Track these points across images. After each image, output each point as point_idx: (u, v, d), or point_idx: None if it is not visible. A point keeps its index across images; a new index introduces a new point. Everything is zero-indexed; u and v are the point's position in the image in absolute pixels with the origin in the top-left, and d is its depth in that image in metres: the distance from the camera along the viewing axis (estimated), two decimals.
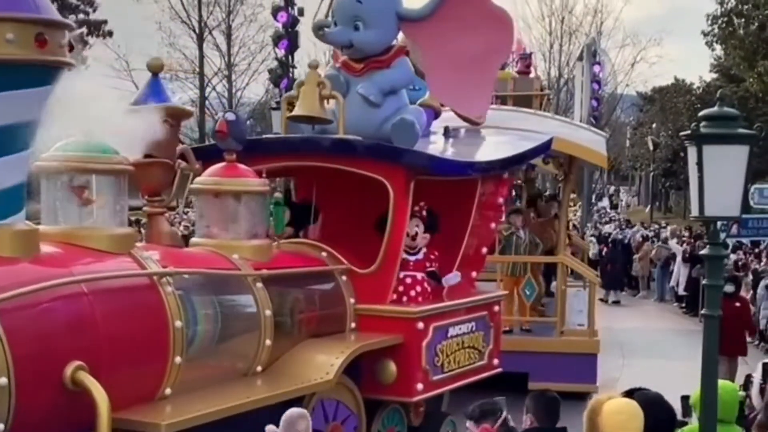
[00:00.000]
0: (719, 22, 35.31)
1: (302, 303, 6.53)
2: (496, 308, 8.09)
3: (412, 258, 7.31)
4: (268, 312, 5.97)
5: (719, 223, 4.86)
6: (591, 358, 11.91)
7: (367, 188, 7.08)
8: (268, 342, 5.98)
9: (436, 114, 8.51)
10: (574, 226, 29.23)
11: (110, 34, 34.68)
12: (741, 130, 4.64)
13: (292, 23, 19.27)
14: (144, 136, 5.08)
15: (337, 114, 7.34)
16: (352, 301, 6.95)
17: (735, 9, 34.46)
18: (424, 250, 7.36)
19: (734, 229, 22.56)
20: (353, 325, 6.94)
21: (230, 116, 6.31)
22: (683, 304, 22.37)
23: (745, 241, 20.75)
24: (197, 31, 36.08)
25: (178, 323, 5.16)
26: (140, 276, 5.14)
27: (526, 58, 18.35)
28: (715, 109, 4.70)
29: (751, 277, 19.12)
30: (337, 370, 6.07)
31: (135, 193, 5.80)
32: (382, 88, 7.39)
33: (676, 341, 17.15)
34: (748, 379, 6.25)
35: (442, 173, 7.25)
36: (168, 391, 5.18)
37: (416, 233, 7.28)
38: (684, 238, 25.52)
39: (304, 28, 18.35)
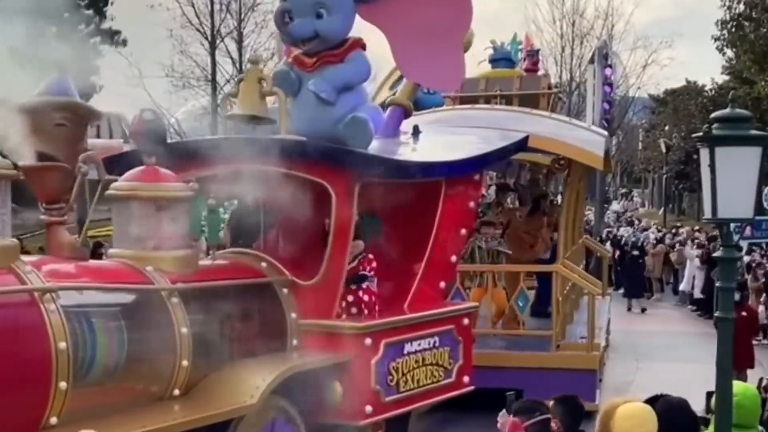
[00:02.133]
0: (729, 26, 34.48)
1: (232, 319, 5.82)
2: (466, 321, 7.31)
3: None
4: (184, 330, 5.29)
5: (732, 225, 4.74)
6: (589, 375, 10.76)
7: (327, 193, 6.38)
8: (185, 363, 5.29)
9: (407, 113, 7.78)
10: (588, 231, 28.41)
11: (125, 43, 34.18)
12: (754, 132, 4.54)
13: None
14: None
15: (291, 113, 6.70)
16: (294, 315, 6.24)
17: (744, 13, 33.66)
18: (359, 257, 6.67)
19: (747, 231, 21.88)
20: (295, 342, 6.24)
21: (148, 115, 5.62)
22: (695, 307, 21.52)
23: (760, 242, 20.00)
24: (209, 38, 35.50)
25: (62, 345, 4.48)
26: (18, 292, 4.46)
27: (533, 55, 16.95)
28: (728, 110, 4.57)
29: (763, 280, 18.24)
30: (262, 394, 5.36)
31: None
32: (335, 84, 6.72)
33: (690, 344, 16.48)
34: (761, 383, 6.20)
35: (391, 175, 6.53)
36: (54, 420, 4.51)
37: None
38: (697, 240, 24.70)
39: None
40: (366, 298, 6.50)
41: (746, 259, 19.46)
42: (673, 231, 29.97)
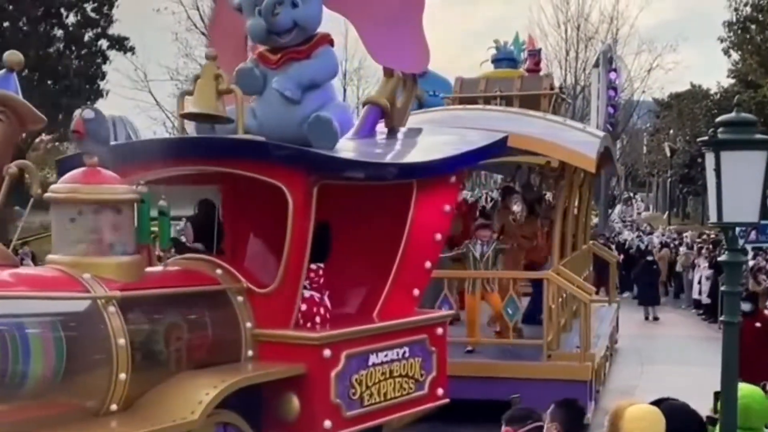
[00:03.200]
0: (735, 29, 34.06)
1: (180, 329, 5.43)
2: (440, 331, 6.88)
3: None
4: (122, 341, 4.90)
5: (737, 229, 4.68)
6: (581, 386, 10.03)
7: None
8: (122, 376, 4.91)
9: (384, 112, 7.38)
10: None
11: (132, 50, 33.92)
12: (759, 136, 4.47)
13: None
14: None
15: (257, 112, 6.32)
16: (249, 325, 5.84)
17: (750, 16, 33.24)
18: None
19: (752, 235, 21.39)
20: (250, 352, 5.84)
21: (88, 114, 5.23)
22: (701, 311, 21.09)
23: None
24: None
25: None
26: None
27: (534, 55, 16.33)
28: (733, 114, 4.51)
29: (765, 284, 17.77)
30: (204, 409, 4.96)
31: None
32: (299, 81, 6.34)
33: (696, 348, 16.26)
34: (764, 387, 5.73)
35: (353, 177, 6.13)
36: None
37: None
38: (697, 243, 24.29)
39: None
40: (304, 307, 6.07)
41: (751, 263, 19.03)
42: (675, 236, 29.43)
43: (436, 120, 10.68)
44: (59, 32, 32.09)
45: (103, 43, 33.13)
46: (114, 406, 4.93)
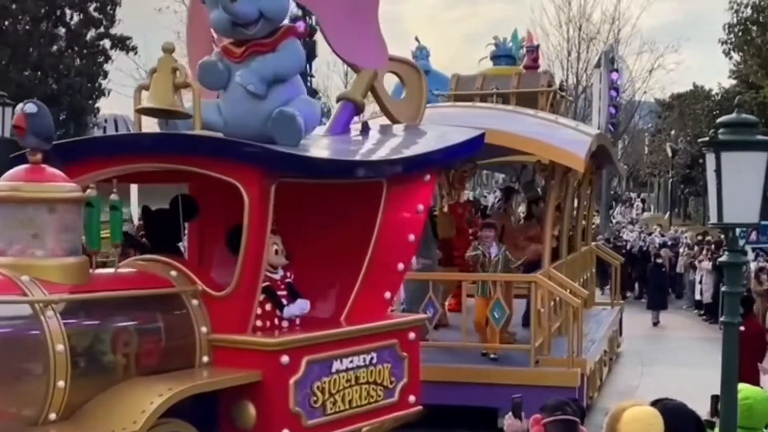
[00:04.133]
0: (736, 30, 33.68)
1: (128, 334, 5.12)
2: (412, 335, 6.54)
3: (277, 275, 5.93)
4: (60, 347, 4.59)
5: (738, 230, 4.73)
6: (569, 393, 9.43)
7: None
8: (60, 384, 4.60)
9: (358, 108, 7.07)
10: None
11: (134, 50, 33.65)
12: (760, 137, 4.49)
13: (309, 33, 18.29)
14: None
15: (222, 108, 6.04)
16: (205, 329, 5.53)
17: (751, 18, 32.87)
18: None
19: (753, 236, 21.02)
20: (206, 358, 5.52)
21: (30, 108, 4.92)
22: (702, 312, 20.78)
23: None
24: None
25: None
26: None
27: (532, 51, 15.59)
28: (734, 115, 4.51)
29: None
30: (147, 418, 4.66)
31: None
32: (263, 75, 6.03)
33: (696, 349, 16.19)
34: None
35: (314, 175, 5.82)
36: None
37: (283, 249, 5.92)
38: (694, 242, 23.96)
39: (322, 38, 17.24)
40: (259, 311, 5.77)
41: (753, 265, 18.65)
42: (673, 236, 29.03)
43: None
44: (62, 31, 31.84)
45: (106, 43, 32.87)
46: (53, 415, 4.62)
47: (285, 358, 5.47)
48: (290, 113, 5.89)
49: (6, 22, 30.57)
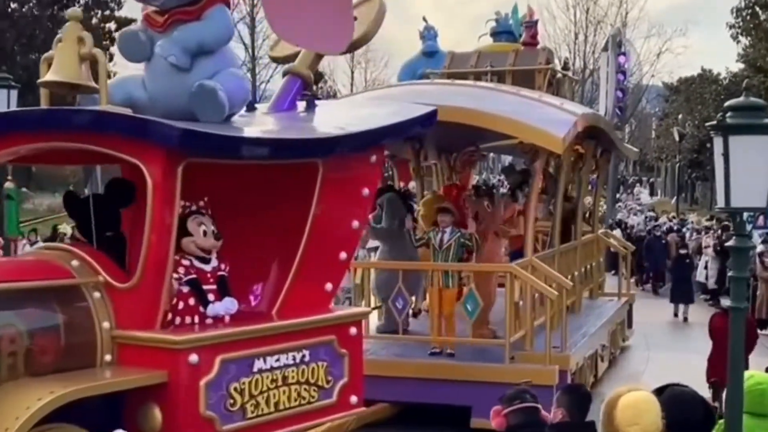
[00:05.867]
0: (744, 14, 32.64)
1: (14, 330, 4.49)
2: (353, 331, 5.89)
3: (208, 267, 5.24)
4: None
5: (745, 214, 4.61)
6: (546, 391, 7.61)
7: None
8: None
9: (306, 83, 6.36)
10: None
11: None
12: (767, 121, 4.35)
13: None
14: None
15: (146, 83, 5.43)
16: (107, 325, 4.87)
17: (759, 1, 31.84)
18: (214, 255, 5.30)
19: (760, 220, 20.15)
20: (108, 357, 4.87)
21: None
22: (708, 296, 19.87)
23: None
24: None
25: None
26: None
27: (531, 27, 14.53)
28: (741, 99, 4.43)
29: None
30: (21, 425, 4.02)
31: None
32: (185, 46, 5.40)
33: (702, 334, 15.27)
34: None
35: (229, 154, 5.11)
36: None
37: (214, 231, 5.26)
38: (701, 227, 23.11)
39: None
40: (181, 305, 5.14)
41: (760, 248, 17.81)
42: (679, 221, 28.14)
43: (391, 96, 9.57)
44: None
45: (111, 26, 32.34)
46: None
47: (194, 357, 4.83)
48: (210, 87, 5.23)
49: (13, 5, 30.04)
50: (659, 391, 3.95)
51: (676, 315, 18.26)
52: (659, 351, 13.76)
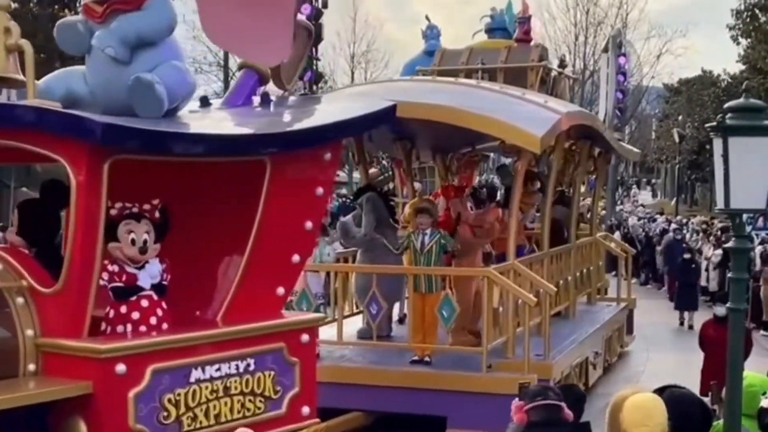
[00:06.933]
0: (743, 16, 32.31)
1: None
2: (305, 338, 5.51)
3: (143, 273, 4.88)
4: None
5: (745, 216, 4.57)
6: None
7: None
8: None
9: (263, 78, 6.00)
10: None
11: None
12: (767, 122, 4.34)
13: (315, 15, 17.33)
14: None
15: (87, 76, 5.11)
16: (31, 332, 4.51)
17: (759, 3, 31.51)
18: (158, 261, 4.92)
19: (760, 222, 19.76)
20: (32, 366, 4.52)
21: None
22: (708, 298, 19.44)
23: None
24: None
25: None
26: None
27: (524, 23, 13.73)
28: (741, 100, 4.39)
29: None
30: None
31: None
32: (124, 37, 5.03)
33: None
34: None
35: (162, 151, 4.75)
36: None
37: (146, 240, 4.82)
38: (702, 228, 22.84)
39: (328, 21, 16.32)
40: (135, 315, 4.78)
41: (758, 249, 17.43)
42: (678, 221, 27.75)
43: (370, 93, 9.21)
44: (68, 14, 31.06)
45: None
46: None
47: (121, 367, 4.48)
48: (147, 80, 4.89)
49: (13, 5, 29.80)
50: (657, 393, 3.93)
51: (681, 323, 17.61)
52: (658, 352, 13.84)
